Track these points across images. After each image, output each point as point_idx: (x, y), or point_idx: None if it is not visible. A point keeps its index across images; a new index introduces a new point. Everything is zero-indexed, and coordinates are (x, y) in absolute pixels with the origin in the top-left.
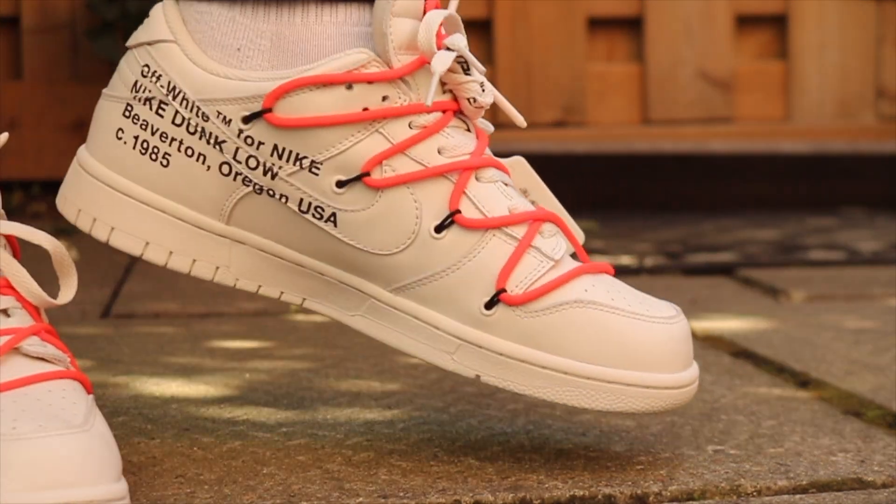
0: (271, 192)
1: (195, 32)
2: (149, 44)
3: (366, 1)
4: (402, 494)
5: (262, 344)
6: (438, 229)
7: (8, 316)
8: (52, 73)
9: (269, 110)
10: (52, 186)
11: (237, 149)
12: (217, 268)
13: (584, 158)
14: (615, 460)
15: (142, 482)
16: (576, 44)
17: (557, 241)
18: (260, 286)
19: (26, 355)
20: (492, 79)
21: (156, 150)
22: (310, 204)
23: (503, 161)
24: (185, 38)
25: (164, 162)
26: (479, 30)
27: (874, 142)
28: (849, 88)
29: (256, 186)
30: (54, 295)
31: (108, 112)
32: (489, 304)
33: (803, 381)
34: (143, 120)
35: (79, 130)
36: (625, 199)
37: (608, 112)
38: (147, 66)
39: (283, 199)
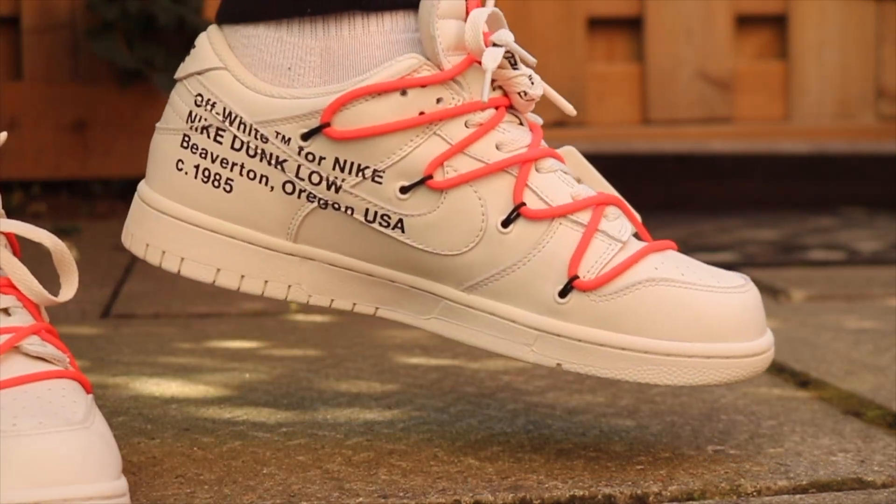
0: (336, 206)
1: (244, 57)
2: (199, 73)
3: (409, 7)
4: (402, 494)
5: (262, 344)
6: (505, 224)
7: (8, 315)
8: (52, 73)
9: (328, 125)
10: (51, 186)
11: (299, 166)
12: (289, 286)
13: None
14: (615, 460)
15: (142, 482)
16: (576, 44)
17: (622, 223)
18: (332, 300)
19: (26, 354)
20: None
21: (218, 177)
22: (376, 213)
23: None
24: (235, 63)
25: (227, 187)
26: None
27: (874, 142)
28: (849, 88)
29: (321, 201)
30: (55, 293)
31: (165, 145)
32: (563, 292)
33: (803, 381)
34: (202, 149)
35: (79, 130)
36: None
37: (608, 112)
38: (200, 95)
39: (349, 212)
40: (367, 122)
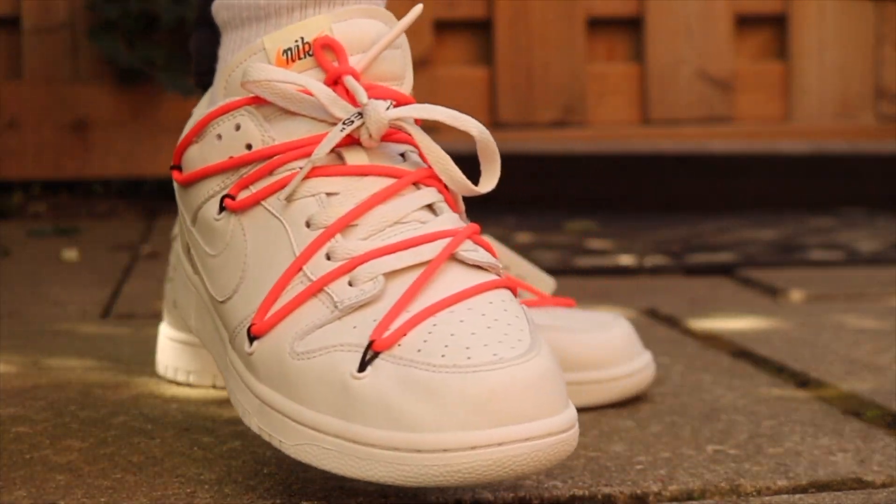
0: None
1: None
2: None
3: None
4: (402, 494)
5: None
6: None
7: (435, 214)
8: (52, 72)
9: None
10: (52, 186)
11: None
12: (189, 372)
13: (584, 158)
14: (615, 460)
15: (142, 482)
16: (576, 44)
17: None
18: (189, 374)
19: (462, 262)
20: (492, 79)
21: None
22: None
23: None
24: None
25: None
26: (479, 30)
27: (874, 142)
28: (849, 88)
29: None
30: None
31: None
32: None
33: (803, 381)
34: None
35: (79, 130)
36: (625, 199)
37: (608, 112)
38: None
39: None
40: None
